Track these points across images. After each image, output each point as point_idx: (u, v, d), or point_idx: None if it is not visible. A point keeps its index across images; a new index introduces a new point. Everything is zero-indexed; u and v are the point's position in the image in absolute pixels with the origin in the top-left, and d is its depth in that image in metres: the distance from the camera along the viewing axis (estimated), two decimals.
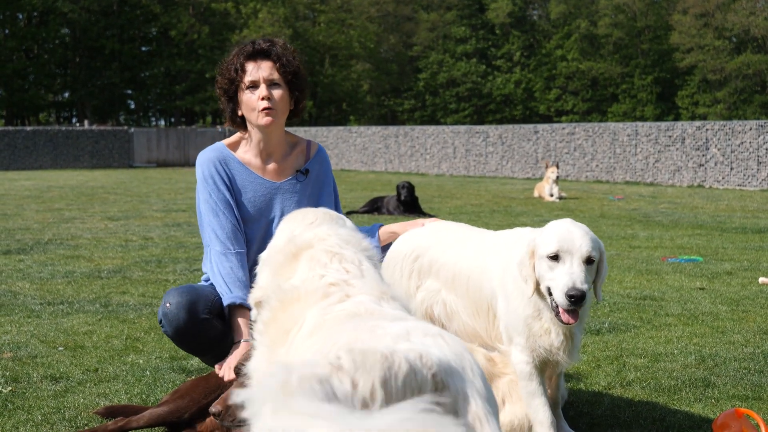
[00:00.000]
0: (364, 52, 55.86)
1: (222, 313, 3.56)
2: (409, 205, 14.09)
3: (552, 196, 17.18)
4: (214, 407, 2.88)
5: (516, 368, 3.35)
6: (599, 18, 57.79)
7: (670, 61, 56.37)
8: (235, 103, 3.69)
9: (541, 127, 26.92)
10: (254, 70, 3.60)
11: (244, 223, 3.69)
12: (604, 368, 4.56)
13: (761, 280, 7.23)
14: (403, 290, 3.68)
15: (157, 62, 54.56)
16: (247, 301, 3.42)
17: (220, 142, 3.77)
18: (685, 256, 8.85)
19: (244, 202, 3.68)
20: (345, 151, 33.10)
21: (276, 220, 3.65)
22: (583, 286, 3.04)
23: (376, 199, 14.66)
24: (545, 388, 3.36)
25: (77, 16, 51.20)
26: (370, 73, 57.10)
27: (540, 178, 23.45)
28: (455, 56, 61.74)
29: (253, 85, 3.60)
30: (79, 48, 54.15)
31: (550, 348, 3.27)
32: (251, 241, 3.69)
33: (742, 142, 21.52)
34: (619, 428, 3.64)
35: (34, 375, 4.33)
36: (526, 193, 19.08)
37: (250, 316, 3.42)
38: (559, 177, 18.08)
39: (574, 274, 3.06)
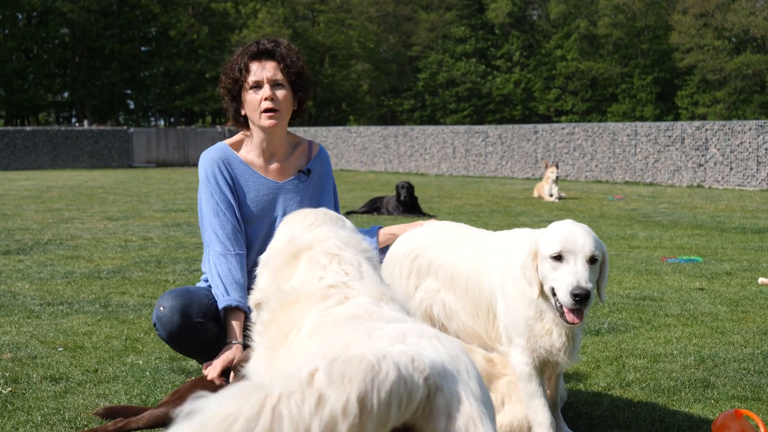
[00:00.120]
0: (364, 52, 55.87)
1: (217, 316, 3.55)
2: (409, 205, 14.07)
3: (551, 196, 17.18)
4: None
5: (515, 369, 3.35)
6: (599, 18, 57.80)
7: (669, 61, 56.38)
8: (239, 103, 3.69)
9: (540, 127, 26.92)
10: (258, 70, 3.60)
11: (247, 223, 3.68)
12: (604, 369, 4.56)
13: (761, 280, 7.23)
14: (402, 290, 3.68)
15: (157, 62, 54.56)
16: (243, 304, 3.43)
17: (223, 142, 3.77)
18: (685, 256, 8.85)
19: (247, 201, 3.68)
20: (344, 151, 33.10)
21: (278, 219, 3.65)
22: (588, 285, 3.04)
23: (376, 199, 14.65)
24: (545, 389, 3.36)
25: (77, 16, 51.21)
26: (370, 73, 57.10)
27: (539, 178, 23.46)
28: (455, 56, 61.74)
29: (257, 85, 3.60)
30: (79, 48, 54.14)
31: (550, 349, 3.27)
32: (254, 241, 3.69)
33: (742, 142, 21.53)
34: (618, 429, 3.64)
35: (34, 376, 4.33)
36: (526, 193, 19.08)
37: (244, 319, 3.43)
38: (558, 177, 18.09)
39: (578, 274, 3.06)
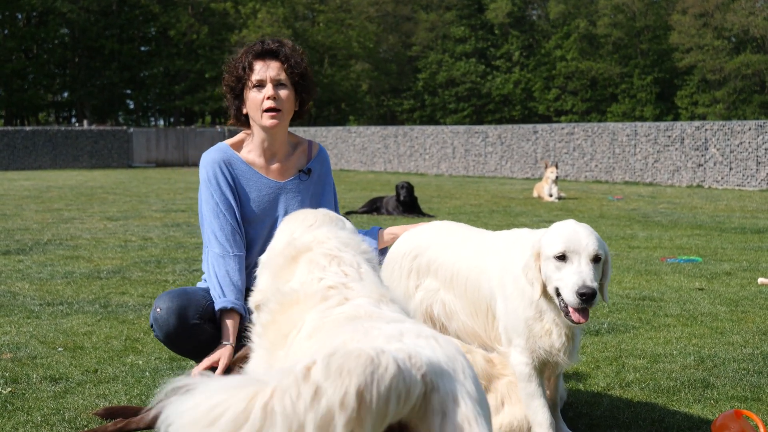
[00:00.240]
0: (363, 52, 55.87)
1: (214, 318, 3.55)
2: (409, 205, 14.07)
3: (551, 196, 17.17)
4: None
5: (515, 369, 3.35)
6: (598, 18, 57.80)
7: (669, 61, 56.39)
8: (241, 101, 3.70)
9: (540, 127, 26.92)
10: (262, 69, 3.61)
11: (249, 223, 3.69)
12: (603, 369, 4.56)
13: (760, 280, 7.23)
14: (402, 289, 3.68)
15: (157, 62, 54.56)
16: (239, 306, 3.44)
17: (224, 142, 3.76)
18: (684, 256, 8.85)
19: (249, 202, 3.68)
20: (344, 151, 33.10)
21: (279, 219, 3.65)
22: (594, 284, 3.04)
23: (376, 199, 14.65)
24: (544, 390, 3.36)
25: (76, 16, 51.20)
26: (370, 73, 57.10)
27: (539, 178, 23.46)
28: (454, 56, 61.73)
29: (260, 84, 3.61)
30: (79, 48, 54.14)
31: (550, 349, 3.27)
32: (255, 241, 3.69)
33: (741, 142, 21.53)
34: (618, 429, 3.64)
35: (34, 376, 4.33)
36: (525, 193, 19.08)
37: (239, 321, 3.43)
38: (558, 177, 18.08)
39: (583, 273, 3.05)
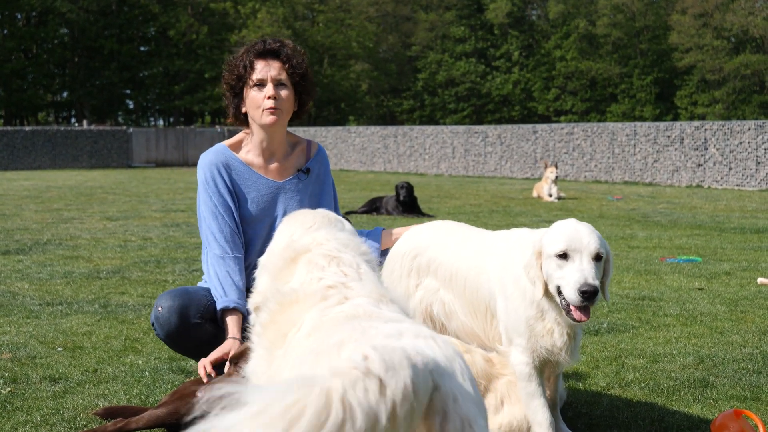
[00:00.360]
0: (363, 52, 55.85)
1: (215, 317, 3.56)
2: (408, 205, 14.06)
3: (551, 196, 17.18)
4: (201, 391, 2.95)
5: (516, 369, 3.35)
6: (598, 18, 57.79)
7: (668, 61, 56.38)
8: (240, 100, 3.71)
9: (539, 127, 26.92)
10: (263, 69, 3.61)
11: (248, 224, 3.69)
12: (603, 369, 4.56)
13: (760, 280, 7.23)
14: (402, 288, 3.68)
15: (156, 62, 54.54)
16: (241, 305, 3.44)
17: (222, 143, 3.77)
18: (684, 256, 8.85)
19: (248, 202, 3.68)
20: (344, 151, 33.10)
21: (278, 219, 3.65)
22: (595, 282, 3.04)
23: (375, 199, 14.64)
24: (544, 389, 3.36)
25: (76, 16, 51.18)
26: (369, 73, 57.09)
27: (539, 178, 23.46)
28: (454, 56, 61.72)
29: (261, 83, 3.62)
30: (78, 48, 54.12)
31: (552, 348, 3.27)
32: (254, 241, 3.69)
33: (741, 142, 21.53)
34: (617, 429, 3.64)
35: (33, 376, 4.33)
36: (525, 193, 19.08)
37: (241, 319, 3.44)
38: (557, 177, 18.08)
39: (584, 271, 3.06)
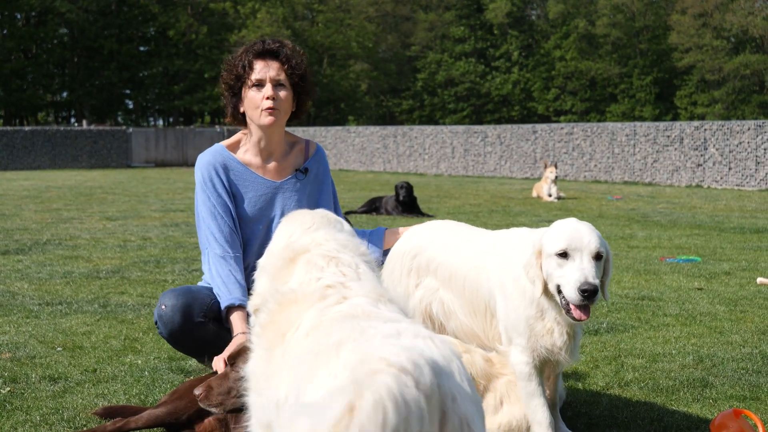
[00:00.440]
0: (363, 52, 55.83)
1: (218, 316, 3.56)
2: (408, 205, 14.06)
3: (550, 196, 17.18)
4: (198, 389, 2.95)
5: (515, 369, 3.34)
6: (597, 18, 57.78)
7: (668, 61, 56.38)
8: (239, 99, 3.70)
9: (539, 127, 26.92)
10: (263, 69, 3.61)
11: (245, 224, 3.68)
12: (602, 368, 4.56)
13: (759, 280, 7.23)
14: (402, 288, 3.68)
15: (156, 62, 54.53)
16: (246, 302, 3.43)
17: (220, 144, 3.77)
18: (684, 256, 8.85)
19: (246, 202, 3.68)
20: (343, 151, 33.10)
21: (276, 219, 3.65)
22: (595, 281, 3.05)
23: (375, 199, 14.64)
24: (544, 389, 3.36)
25: (75, 16, 51.16)
26: (369, 73, 57.07)
27: (538, 178, 23.45)
28: (453, 56, 61.72)
29: (259, 84, 3.62)
30: (78, 48, 54.11)
31: (551, 348, 3.27)
32: (252, 241, 3.69)
33: (741, 142, 21.54)
34: (617, 428, 3.64)
35: (33, 375, 4.33)
36: (525, 193, 19.08)
37: (247, 315, 3.43)
38: (557, 177, 18.07)
39: (585, 270, 3.06)
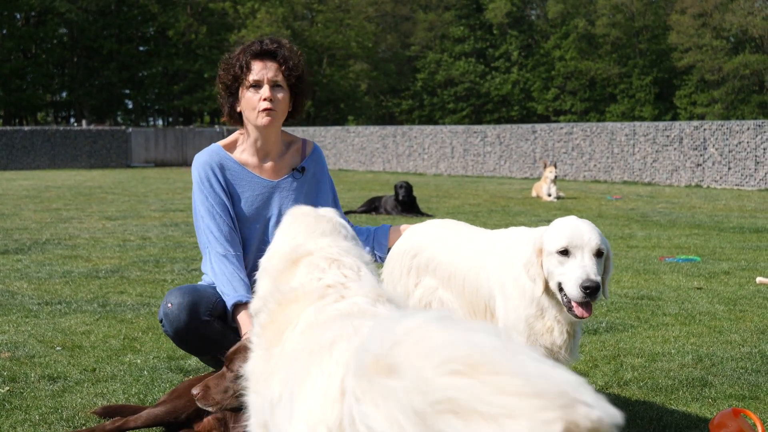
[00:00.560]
0: (362, 52, 55.83)
1: (223, 315, 3.56)
2: (407, 205, 14.06)
3: (550, 195, 17.18)
4: (195, 389, 2.95)
5: None
6: (597, 18, 57.79)
7: (668, 61, 56.39)
8: (235, 99, 3.70)
9: (539, 126, 26.93)
10: (260, 70, 3.61)
11: (243, 223, 3.68)
12: (602, 368, 4.57)
13: (758, 279, 7.24)
14: (402, 287, 3.68)
15: (155, 62, 54.53)
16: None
17: (216, 143, 3.77)
18: (683, 255, 8.86)
19: (243, 202, 3.68)
20: (343, 151, 33.10)
21: (273, 218, 3.65)
22: (597, 278, 3.05)
23: (374, 199, 14.64)
24: None
25: (75, 16, 51.16)
26: (368, 73, 57.08)
27: (538, 178, 23.46)
28: (453, 56, 61.73)
29: (257, 85, 3.62)
30: (77, 48, 54.11)
31: (551, 347, 3.26)
32: (250, 241, 3.68)
33: (740, 142, 21.55)
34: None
35: (32, 375, 4.33)
36: (524, 193, 19.09)
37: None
38: (557, 177, 18.08)
39: (586, 267, 3.06)
